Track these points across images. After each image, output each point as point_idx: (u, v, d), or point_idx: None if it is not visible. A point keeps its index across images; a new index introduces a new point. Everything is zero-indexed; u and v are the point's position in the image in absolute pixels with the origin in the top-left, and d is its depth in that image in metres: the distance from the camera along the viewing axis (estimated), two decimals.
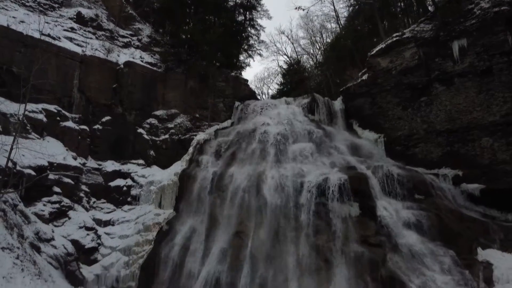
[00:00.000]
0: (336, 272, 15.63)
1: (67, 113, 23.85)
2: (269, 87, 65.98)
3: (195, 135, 25.46)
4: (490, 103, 18.97)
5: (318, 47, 43.33)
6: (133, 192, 23.63)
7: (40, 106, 22.48)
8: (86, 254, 19.61)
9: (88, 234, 20.17)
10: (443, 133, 20.72)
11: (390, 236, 16.32)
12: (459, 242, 16.12)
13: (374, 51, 23.31)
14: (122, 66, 27.01)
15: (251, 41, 37.04)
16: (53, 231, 18.77)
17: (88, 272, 18.88)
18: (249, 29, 36.94)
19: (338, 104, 26.36)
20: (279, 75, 46.26)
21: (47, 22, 25.59)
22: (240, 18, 36.55)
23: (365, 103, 24.05)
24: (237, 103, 28.60)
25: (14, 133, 17.45)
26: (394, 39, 22.40)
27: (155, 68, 28.48)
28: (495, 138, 18.97)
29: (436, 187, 18.81)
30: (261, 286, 15.91)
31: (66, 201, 20.57)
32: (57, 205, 19.98)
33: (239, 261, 16.88)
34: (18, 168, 18.22)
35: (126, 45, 29.72)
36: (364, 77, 23.85)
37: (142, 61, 28.34)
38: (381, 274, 15.21)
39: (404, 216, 17.05)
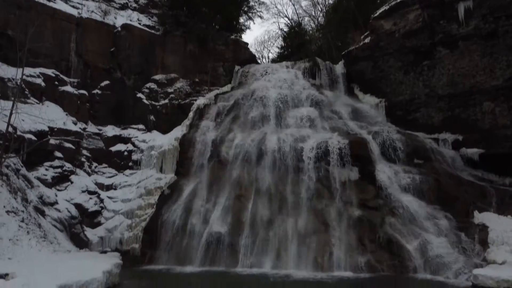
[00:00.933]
0: (335, 234, 16.00)
1: (65, 78, 23.59)
2: (269, 50, 64.82)
3: (195, 100, 25.29)
4: (493, 67, 18.72)
5: (320, 9, 42.19)
6: (134, 157, 23.78)
7: (38, 70, 22.19)
8: (90, 217, 20.00)
9: (91, 198, 20.48)
10: (445, 98, 20.59)
11: (389, 200, 16.59)
12: (456, 205, 16.42)
13: (378, 13, 22.71)
14: (119, 29, 26.43)
15: (251, 3, 35.91)
16: (56, 195, 19.06)
17: (92, 234, 19.33)
18: None
19: (339, 68, 26.00)
20: (280, 38, 45.27)
21: None
22: None
23: (367, 67, 23.72)
24: (237, 67, 28.20)
25: (12, 98, 17.34)
26: (399, 0, 21.76)
27: (153, 31, 27.87)
28: (496, 102, 18.89)
29: (435, 152, 18.92)
30: (261, 247, 16.31)
31: (68, 165, 20.74)
32: (59, 170, 20.17)
33: (240, 223, 17.23)
34: (18, 133, 18.23)
35: (123, 7, 28.91)
36: (367, 40, 23.37)
37: (139, 24, 27.68)
38: (379, 236, 15.59)
39: (403, 180, 17.26)
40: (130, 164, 23.70)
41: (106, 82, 25.45)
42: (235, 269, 15.48)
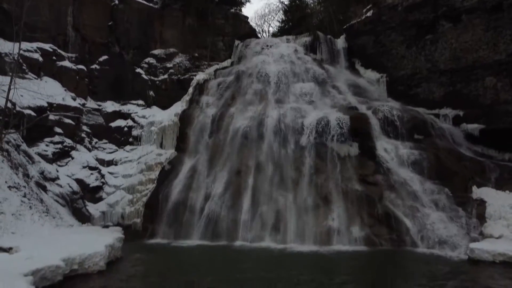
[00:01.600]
0: (334, 209, 16.15)
1: (63, 52, 23.32)
2: (270, 24, 63.78)
3: (195, 75, 25.07)
4: (497, 41, 18.43)
5: None
6: (134, 132, 23.79)
7: (35, 45, 21.92)
8: (91, 193, 20.17)
9: (92, 174, 20.60)
10: (447, 73, 20.39)
11: (388, 175, 16.67)
12: (455, 180, 16.50)
13: None
14: (116, 2, 25.98)
15: None
16: (57, 171, 19.15)
17: (94, 209, 19.55)
18: None
19: (340, 42, 25.65)
20: (280, 11, 44.38)
21: None
22: None
23: (369, 42, 23.39)
24: (237, 42, 27.82)
25: (10, 73, 17.18)
26: None
27: (151, 4, 27.37)
28: (499, 77, 18.71)
29: (435, 127, 18.89)
30: (261, 222, 16.50)
31: (68, 141, 20.76)
32: (59, 146, 20.19)
33: (240, 198, 17.38)
34: (17, 108, 18.16)
35: None
36: (369, 14, 22.95)
37: None
38: (377, 211, 15.75)
39: (403, 156, 17.31)
40: (130, 140, 23.73)
41: (105, 57, 25.18)
42: (235, 243, 15.71)
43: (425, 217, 15.01)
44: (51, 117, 19.90)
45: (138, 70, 26.10)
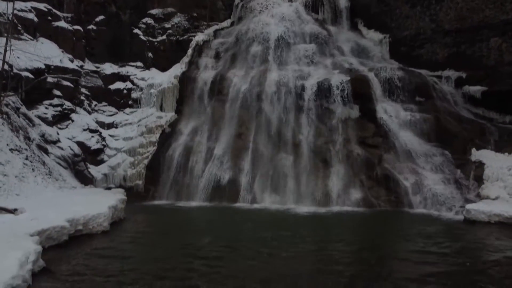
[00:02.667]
0: (334, 171, 16.33)
1: (58, 12, 22.74)
2: None
3: (194, 36, 24.53)
4: (504, 0, 17.92)
5: None
6: (134, 95, 23.62)
7: (29, 4, 21.34)
8: (93, 155, 20.31)
9: (92, 136, 20.65)
10: (451, 33, 19.95)
11: (388, 138, 16.72)
12: (455, 143, 16.57)
13: None
14: None
15: None
16: (58, 134, 19.18)
17: (96, 171, 19.76)
18: None
19: (343, 1, 24.85)
20: None
21: None
22: None
23: (372, 1, 22.74)
24: (237, 1, 26.95)
25: (6, 34, 16.83)
26: None
27: None
28: (504, 38, 18.34)
29: (437, 90, 18.71)
30: (261, 184, 16.74)
31: (68, 104, 20.64)
32: (59, 108, 20.11)
33: (241, 160, 17.53)
34: (15, 71, 17.92)
35: None
36: None
37: None
38: (376, 173, 15.94)
39: (403, 118, 17.28)
40: (130, 102, 23.60)
41: (101, 17, 24.58)
42: (235, 205, 16.01)
43: (423, 179, 15.20)
44: (49, 79, 19.68)
45: (136, 30, 25.55)
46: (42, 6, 21.86)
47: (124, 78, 24.17)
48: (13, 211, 9.51)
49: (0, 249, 6.43)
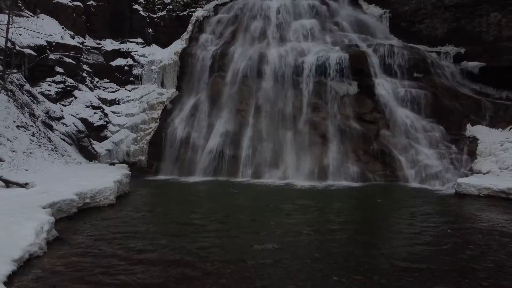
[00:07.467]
0: (331, 146, 16.73)
1: None
2: None
3: (194, 12, 24.48)
4: None
5: None
6: (135, 71, 23.81)
7: None
8: (96, 131, 20.72)
9: (95, 113, 21.00)
10: (451, 8, 19.97)
11: (385, 113, 17.05)
12: (451, 118, 16.92)
13: None
14: None
15: None
16: (61, 110, 19.55)
17: (99, 147, 20.21)
18: None
19: None
20: None
21: None
22: None
23: None
24: None
25: (7, 11, 16.92)
26: None
27: None
28: (504, 13, 18.39)
29: (436, 65, 18.90)
30: (261, 159, 17.20)
31: (70, 81, 20.91)
32: (62, 85, 20.39)
33: (241, 136, 17.94)
34: (17, 48, 18.12)
35: None
36: None
37: None
38: (373, 148, 16.35)
39: (401, 94, 17.55)
40: (131, 79, 23.83)
41: None
42: (236, 179, 16.53)
43: (418, 154, 15.63)
44: (51, 56, 19.87)
45: (136, 6, 25.48)
46: None
47: (125, 54, 24.30)
48: (24, 185, 10.00)
49: (16, 219, 6.94)
